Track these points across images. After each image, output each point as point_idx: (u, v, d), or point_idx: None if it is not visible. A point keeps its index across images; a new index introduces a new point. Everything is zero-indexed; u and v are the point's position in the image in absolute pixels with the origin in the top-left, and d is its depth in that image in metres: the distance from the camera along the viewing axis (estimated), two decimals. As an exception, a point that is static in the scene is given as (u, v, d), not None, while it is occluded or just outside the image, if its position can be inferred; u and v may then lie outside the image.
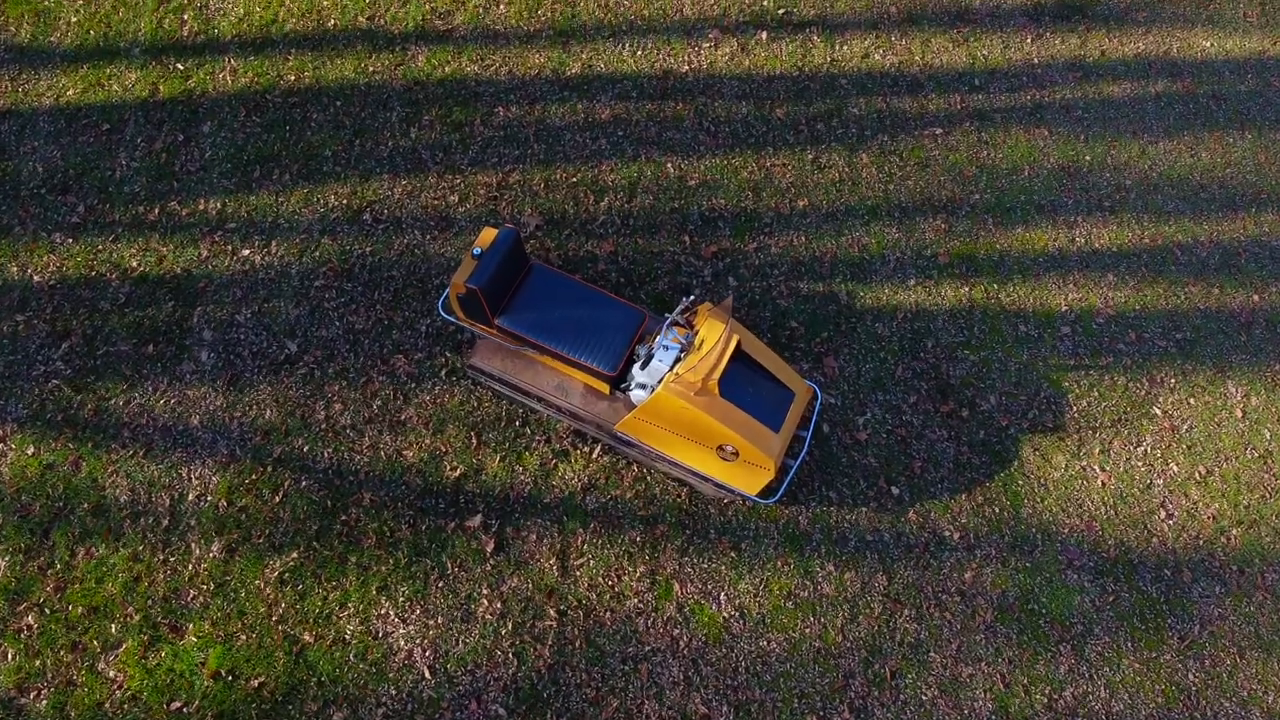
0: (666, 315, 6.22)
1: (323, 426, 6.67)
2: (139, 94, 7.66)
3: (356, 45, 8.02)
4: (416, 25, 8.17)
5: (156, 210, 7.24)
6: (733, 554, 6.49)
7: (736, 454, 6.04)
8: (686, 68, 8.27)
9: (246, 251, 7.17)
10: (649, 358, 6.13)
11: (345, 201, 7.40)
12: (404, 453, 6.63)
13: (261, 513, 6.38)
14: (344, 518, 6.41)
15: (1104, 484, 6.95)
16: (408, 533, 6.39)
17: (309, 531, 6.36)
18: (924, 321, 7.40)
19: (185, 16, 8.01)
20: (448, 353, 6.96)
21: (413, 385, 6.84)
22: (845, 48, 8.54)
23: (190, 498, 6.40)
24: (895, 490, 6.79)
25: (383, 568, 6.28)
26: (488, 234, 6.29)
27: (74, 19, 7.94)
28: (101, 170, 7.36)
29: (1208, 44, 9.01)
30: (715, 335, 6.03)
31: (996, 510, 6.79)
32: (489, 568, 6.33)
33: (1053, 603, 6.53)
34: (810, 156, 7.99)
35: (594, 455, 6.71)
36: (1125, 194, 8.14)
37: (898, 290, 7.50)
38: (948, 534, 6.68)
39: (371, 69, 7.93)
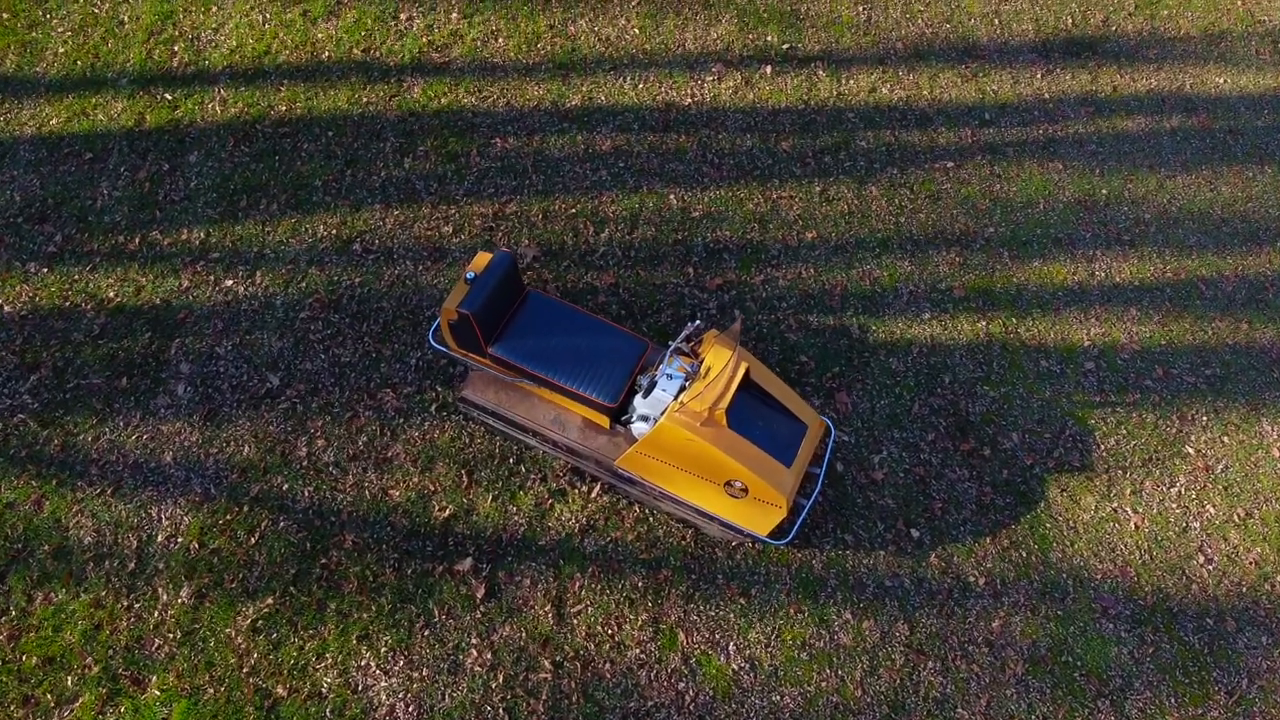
0: (670, 344, 5.87)
1: (304, 464, 6.26)
2: (125, 123, 7.42)
3: (351, 77, 7.82)
4: (413, 57, 7.97)
5: (137, 240, 6.94)
6: (742, 601, 6.03)
7: (746, 490, 5.63)
8: (689, 100, 8.05)
9: (230, 282, 6.84)
10: (651, 386, 5.75)
11: (334, 232, 7.10)
12: (390, 492, 6.21)
13: (235, 555, 5.94)
14: (324, 561, 5.96)
15: (1137, 526, 6.51)
16: (392, 577, 5.94)
17: (286, 576, 5.90)
18: (940, 356, 7.04)
19: (176, 48, 7.81)
20: (438, 387, 6.59)
21: (401, 421, 6.45)
22: (851, 82, 8.33)
23: (159, 539, 5.96)
24: (915, 533, 6.35)
25: (364, 615, 5.81)
26: (482, 258, 5.97)
27: (62, 49, 7.75)
28: (81, 199, 7.08)
29: (1221, 80, 8.81)
30: (722, 362, 5.67)
31: (1024, 554, 6.34)
32: (479, 615, 5.86)
33: (1088, 654, 6.04)
34: (818, 189, 7.72)
35: (593, 495, 6.29)
36: (1144, 228, 7.85)
37: (912, 324, 7.15)
38: (972, 580, 6.22)
39: (365, 100, 7.71)
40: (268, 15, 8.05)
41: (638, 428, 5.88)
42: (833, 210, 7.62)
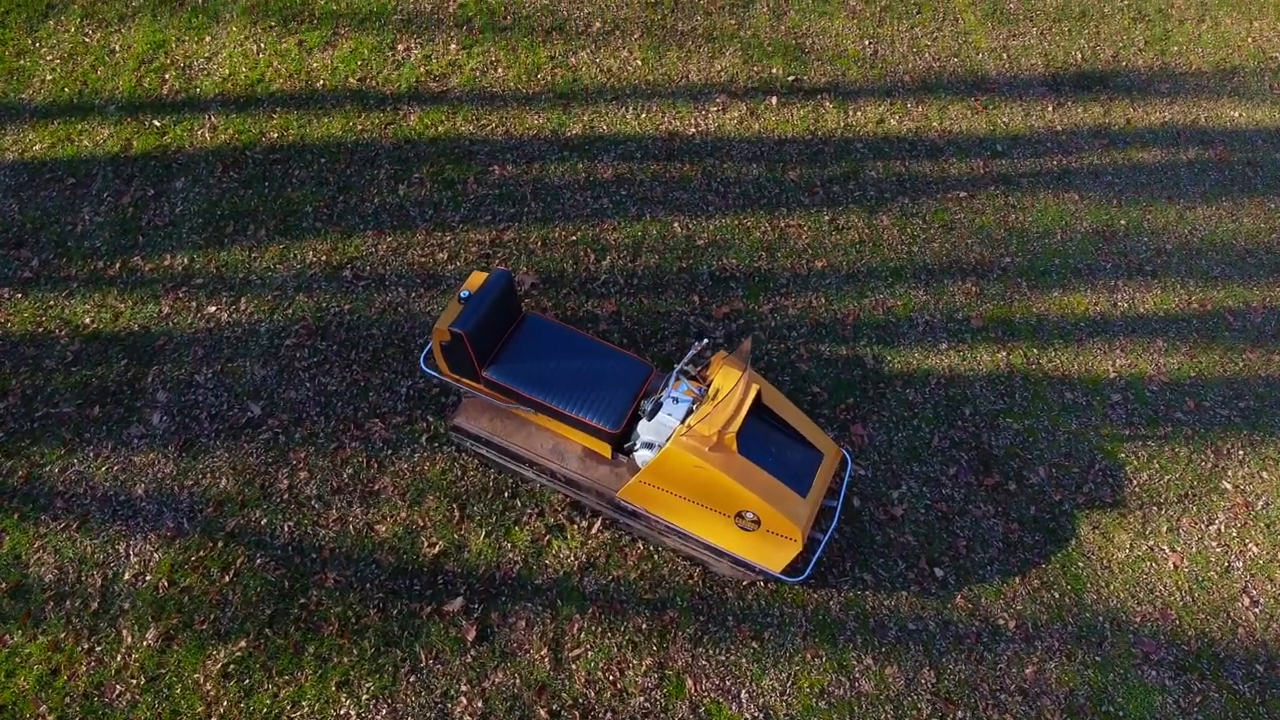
0: (676, 366, 5.52)
1: (284, 497, 5.85)
2: (110, 149, 7.18)
3: (345, 105, 7.61)
4: (409, 86, 7.78)
5: (117, 265, 6.64)
6: (754, 645, 5.57)
7: (758, 522, 5.22)
8: (693, 130, 7.83)
9: (212, 308, 6.52)
10: (656, 410, 5.39)
11: (324, 258, 6.80)
12: (376, 527, 5.79)
13: (207, 594, 5.50)
14: (303, 601, 5.52)
15: (1176, 566, 6.08)
16: (376, 618, 5.49)
17: (261, 616, 5.45)
18: (959, 388, 6.68)
19: (167, 75, 7.62)
20: (430, 417, 6.22)
21: (389, 452, 6.07)
22: (859, 113, 8.13)
23: (126, 577, 5.53)
24: (939, 572, 5.91)
25: (345, 659, 5.35)
26: (476, 278, 5.65)
27: (50, 76, 7.55)
28: (61, 225, 6.79)
29: (1236, 114, 8.62)
30: (731, 384, 5.31)
31: (1056, 595, 5.90)
32: (470, 659, 5.40)
33: (1130, 703, 5.55)
34: (827, 218, 7.45)
35: (593, 530, 5.87)
36: (1166, 258, 7.56)
37: (929, 354, 6.81)
38: (1002, 623, 5.77)
39: (360, 127, 7.48)
40: (262, 45, 7.88)
41: (641, 456, 5.50)
42: (843, 239, 7.34)
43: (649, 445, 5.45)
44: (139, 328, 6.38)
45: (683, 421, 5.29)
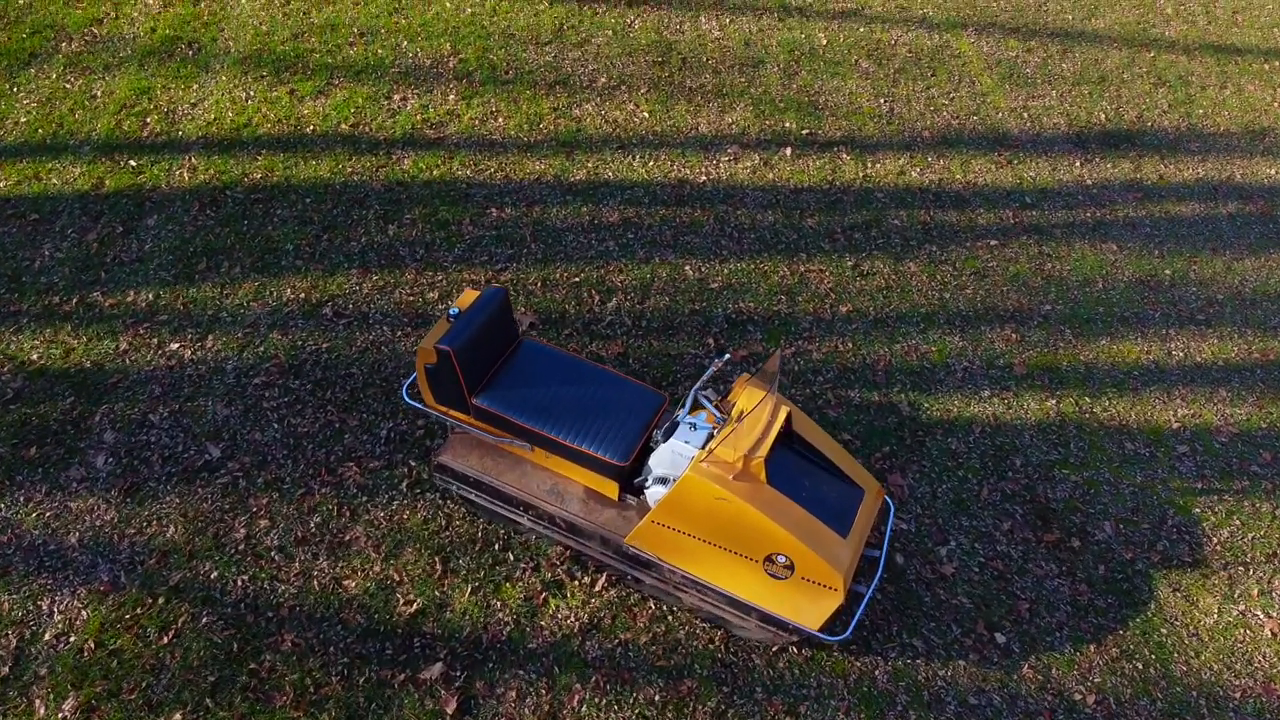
0: (694, 387, 4.84)
1: (240, 548, 5.06)
2: (80, 187, 6.69)
3: (335, 148, 7.17)
4: (404, 133, 7.37)
5: (75, 301, 6.03)
6: (788, 721, 4.68)
7: (792, 568, 4.43)
8: (703, 178, 7.38)
9: (175, 345, 5.87)
10: (672, 429, 4.69)
11: (303, 295, 6.21)
12: (344, 582, 4.98)
13: (140, 658, 4.64)
14: (253, 666, 4.65)
15: (1274, 634, 5.23)
16: (339, 687, 4.62)
17: (202, 684, 4.58)
18: (1007, 437, 5.97)
19: (148, 119, 7.21)
20: (412, 461, 5.49)
21: (364, 499, 5.31)
22: (877, 165, 7.71)
23: (47, 637, 4.68)
24: (1000, 638, 5.06)
25: (298, 735, 4.46)
26: (468, 296, 5.04)
27: (24, 119, 7.13)
28: (18, 260, 6.23)
29: (1272, 171, 8.21)
30: (758, 402, 4.62)
31: (1139, 666, 5.03)
32: (448, 736, 4.51)
33: (1242, 795, 4.63)
34: (850, 263, 6.90)
35: (597, 587, 5.06)
36: (1218, 308, 6.97)
37: (970, 402, 6.13)
38: (1079, 697, 4.88)
39: (349, 169, 7.02)
40: (251, 92, 7.52)
41: (654, 493, 4.75)
42: (868, 284, 6.77)
43: (662, 481, 4.72)
44: (91, 364, 5.72)
45: (703, 448, 4.58)
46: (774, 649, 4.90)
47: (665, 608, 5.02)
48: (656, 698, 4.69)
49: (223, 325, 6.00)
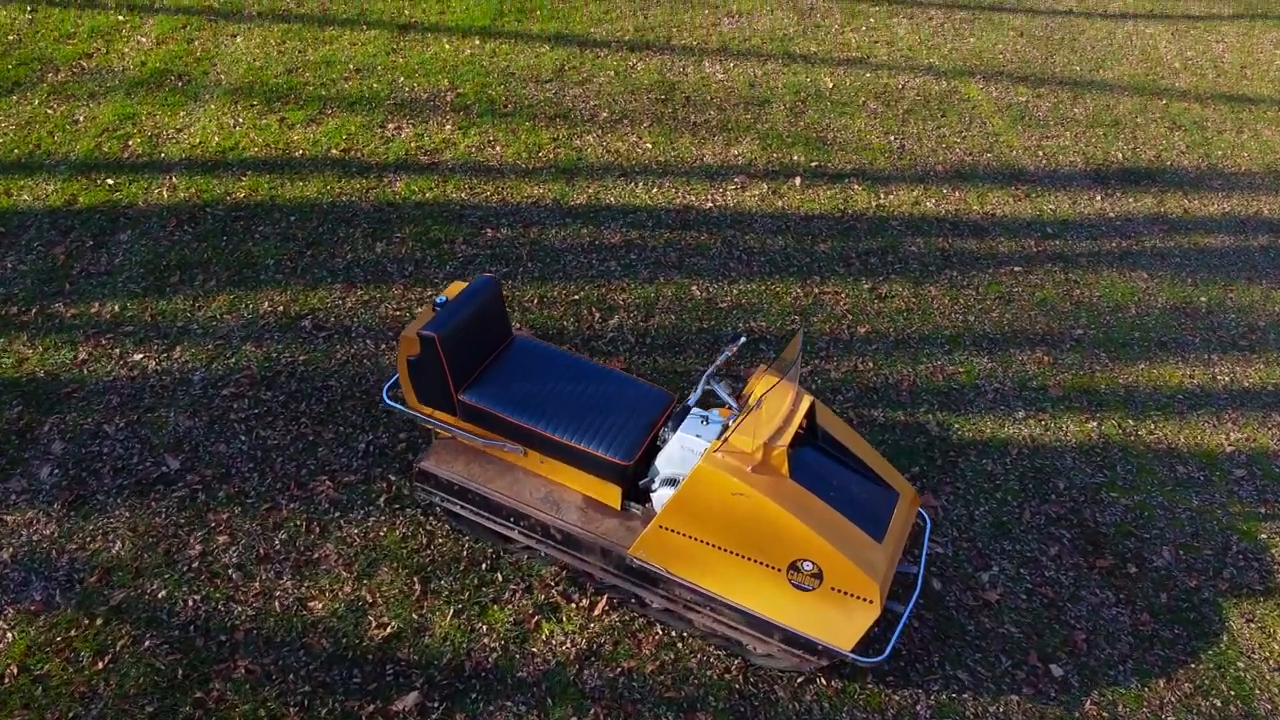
0: (707, 370, 4.34)
1: (194, 565, 4.48)
2: (52, 203, 6.33)
3: (325, 171, 6.85)
4: (398, 158, 7.06)
5: (34, 311, 5.58)
6: (818, 761, 4.02)
7: (820, 576, 3.87)
8: (710, 204, 7.04)
9: (139, 356, 5.40)
10: (682, 418, 4.19)
11: (281, 308, 5.77)
12: (310, 604, 4.38)
13: (70, 685, 4.02)
14: (198, 695, 4.03)
15: (1366, 668, 4.61)
16: (296, 718, 3.98)
17: (139, 714, 3.95)
18: (1047, 459, 5.45)
19: (130, 142, 6.91)
20: (392, 475, 4.95)
21: (336, 514, 4.75)
22: (891, 196, 7.38)
23: (-38, 661, 4.07)
24: (1057, 671, 4.44)
25: (246, 773, 3.81)
26: (456, 287, 4.61)
27: (0, 140, 6.83)
28: (-22, 272, 5.82)
29: (1300, 208, 7.90)
30: (778, 393, 4.13)
31: (1217, 703, 4.39)
32: (422, 775, 3.85)
33: None
34: (867, 286, 6.49)
35: (596, 611, 4.46)
36: (1260, 334, 6.53)
37: (1004, 423, 5.62)
38: (1152, 737, 4.24)
39: (338, 190, 6.68)
40: (240, 119, 7.25)
41: (661, 497, 4.21)
42: (887, 307, 6.34)
43: (671, 482, 4.18)
44: (45, 374, 5.24)
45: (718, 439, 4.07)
46: (797, 680, 4.27)
47: (674, 633, 4.41)
48: (665, 734, 4.05)
49: (192, 337, 5.54)
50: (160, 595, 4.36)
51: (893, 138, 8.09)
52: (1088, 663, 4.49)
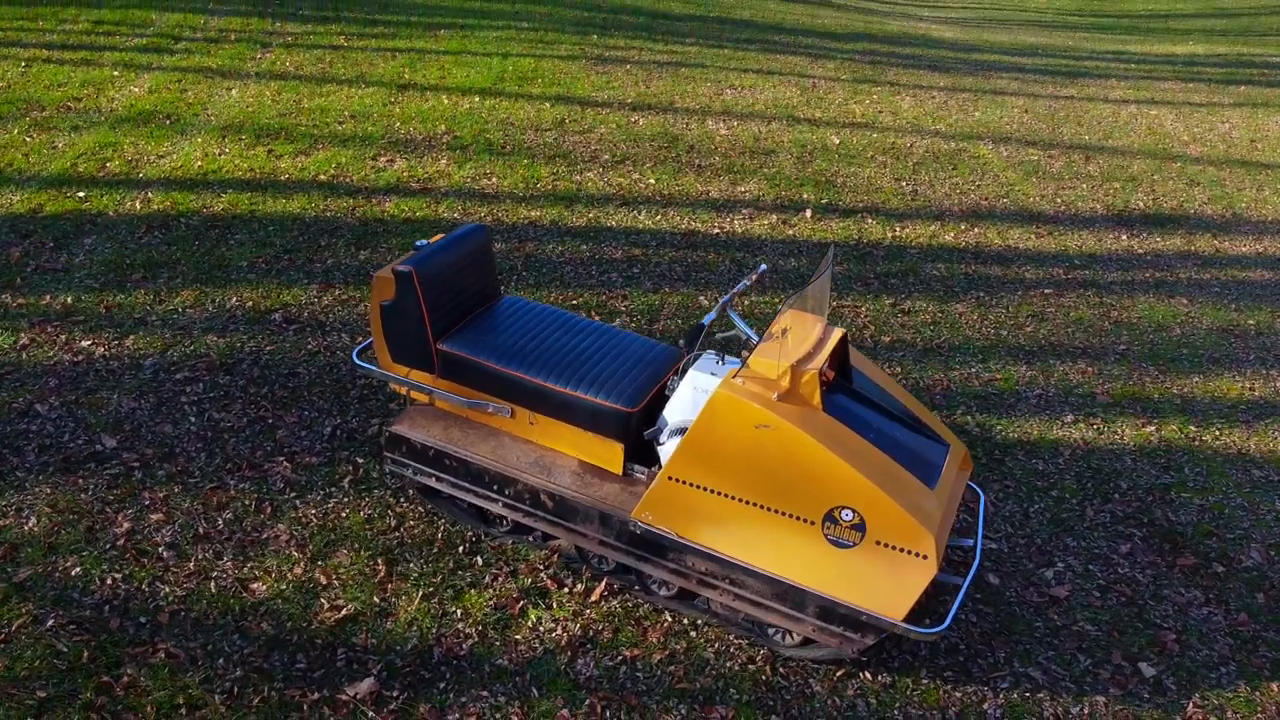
0: (723, 298, 3.79)
1: (119, 544, 3.80)
2: (15, 210, 5.93)
3: (311, 190, 6.49)
4: (389, 184, 6.72)
5: (-23, 302, 5.08)
6: (868, 764, 3.23)
7: (862, 528, 3.21)
8: (717, 230, 6.65)
9: (86, 343, 4.85)
10: (693, 360, 3.62)
11: (251, 303, 5.26)
12: (251, 585, 3.68)
13: (-53, 667, 3.28)
14: (105, 679, 3.27)
15: None
16: (221, 707, 3.22)
17: (25, 701, 3.19)
18: (1104, 459, 4.81)
19: (108, 164, 6.58)
20: (359, 458, 4.31)
21: (292, 495, 4.09)
22: (906, 230, 7.01)
23: None
24: (1148, 670, 3.68)
25: (152, 765, 3.03)
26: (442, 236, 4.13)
27: (-30, 160, 6.51)
28: (-77, 268, 5.35)
29: (1336, 250, 7.51)
30: (804, 319, 3.58)
31: (1345, 710, 3.61)
32: (373, 771, 3.07)
33: None
34: (889, 301, 6.01)
35: (594, 596, 3.74)
36: (1319, 355, 6.00)
37: (1052, 425, 5.02)
38: (1274, 745, 3.45)
39: (324, 207, 6.30)
40: (226, 149, 6.96)
41: (670, 451, 3.59)
42: (912, 320, 5.84)
43: (681, 431, 3.56)
44: (-22, 357, 4.68)
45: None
46: (836, 671, 3.51)
47: (687, 620, 3.68)
48: (677, 730, 3.27)
49: (149, 328, 5.01)
50: (74, 573, 3.66)
51: (904, 183, 7.80)
52: (1183, 664, 3.73)
